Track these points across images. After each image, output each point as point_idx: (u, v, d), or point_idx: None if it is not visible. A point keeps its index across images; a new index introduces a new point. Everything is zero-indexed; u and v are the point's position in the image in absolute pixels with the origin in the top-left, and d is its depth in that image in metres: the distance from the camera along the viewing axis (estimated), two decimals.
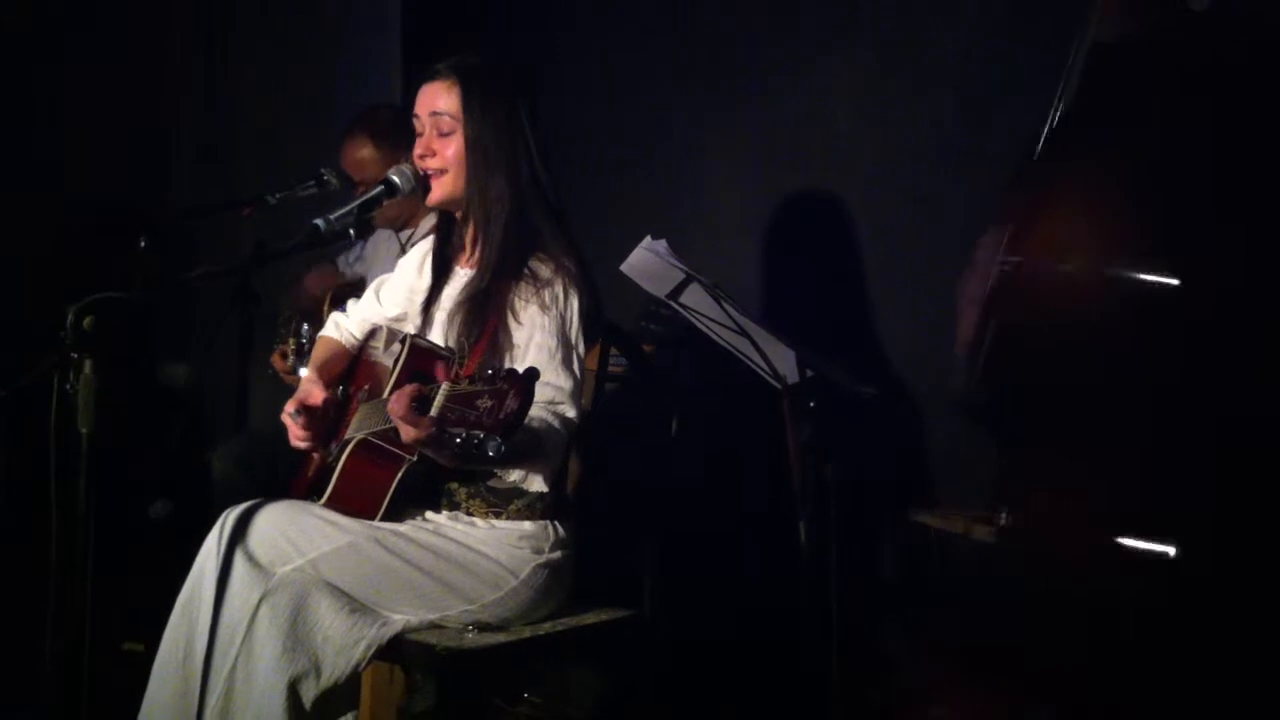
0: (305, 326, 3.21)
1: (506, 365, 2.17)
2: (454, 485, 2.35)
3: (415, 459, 2.26)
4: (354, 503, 2.29)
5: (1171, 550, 1.80)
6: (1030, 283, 1.89)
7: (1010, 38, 2.81)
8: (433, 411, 1.94)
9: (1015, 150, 2.62)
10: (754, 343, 2.45)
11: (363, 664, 2.18)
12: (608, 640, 2.46)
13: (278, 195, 3.10)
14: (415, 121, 2.40)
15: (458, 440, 1.93)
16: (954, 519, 2.50)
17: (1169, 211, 1.82)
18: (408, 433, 2.02)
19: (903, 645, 2.79)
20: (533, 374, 1.93)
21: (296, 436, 2.41)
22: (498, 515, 2.33)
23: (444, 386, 1.92)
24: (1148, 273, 1.79)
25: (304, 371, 2.60)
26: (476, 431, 1.90)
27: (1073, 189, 1.91)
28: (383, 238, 3.49)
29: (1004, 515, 2.02)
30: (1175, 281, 1.78)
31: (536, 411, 2.19)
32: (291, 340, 3.23)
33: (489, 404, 1.89)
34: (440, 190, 2.37)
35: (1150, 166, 1.85)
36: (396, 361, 2.32)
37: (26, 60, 3.96)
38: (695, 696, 2.96)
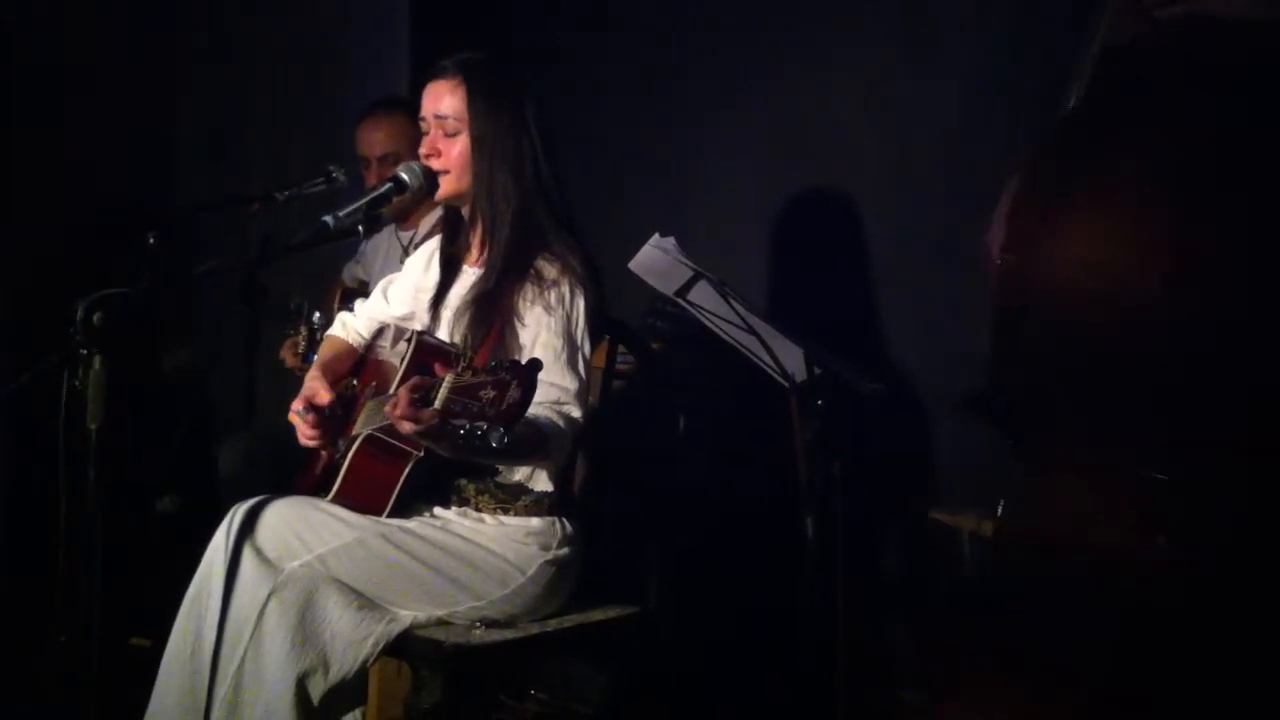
0: (316, 315, 3.20)
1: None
2: (463, 481, 2.35)
3: (422, 454, 2.27)
4: (361, 499, 2.30)
5: (1171, 547, 1.80)
6: (1033, 280, 1.89)
7: (1016, 34, 2.80)
8: (436, 403, 1.94)
9: (1021, 147, 2.63)
10: (762, 340, 2.45)
11: (371, 660, 2.19)
12: (614, 637, 2.46)
13: (285, 192, 3.11)
14: (421, 121, 2.40)
15: (461, 431, 1.93)
16: (965, 516, 2.49)
17: (1175, 212, 1.82)
18: (409, 427, 2.02)
19: (908, 644, 2.80)
20: (535, 365, 1.93)
21: (305, 435, 2.41)
22: (506, 511, 2.34)
23: (448, 378, 1.93)
24: (1155, 273, 1.79)
25: (316, 359, 2.61)
26: (480, 423, 1.91)
27: (1080, 190, 1.91)
28: (382, 240, 3.49)
29: (1001, 508, 2.03)
30: (1180, 282, 1.78)
31: (542, 411, 2.19)
32: (304, 328, 3.23)
33: (492, 394, 1.90)
34: (446, 189, 2.38)
35: (1158, 168, 1.85)
36: (404, 358, 2.32)
37: (29, 59, 3.96)
38: (700, 694, 2.96)
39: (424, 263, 2.56)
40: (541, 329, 2.28)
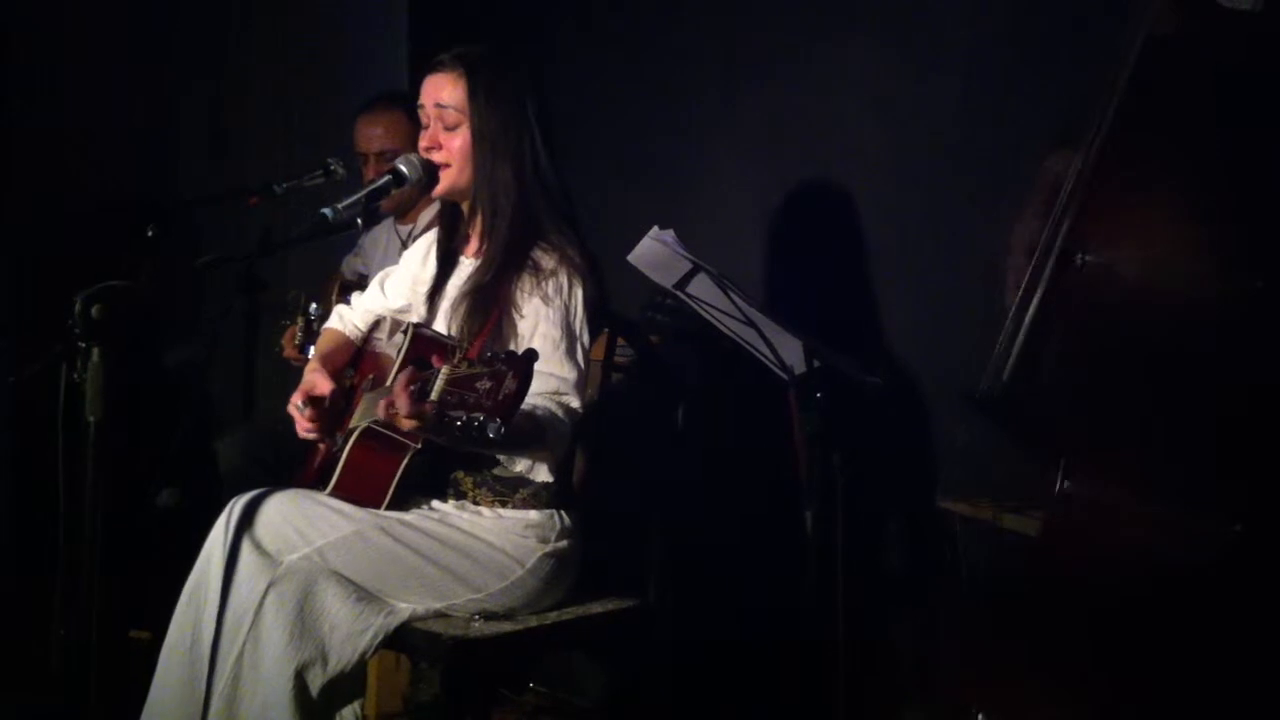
0: (313, 305, 3.21)
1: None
2: (460, 474, 2.35)
3: (420, 446, 2.27)
4: (359, 492, 2.30)
5: (1235, 530, 1.79)
6: (1102, 281, 1.87)
7: (1018, 29, 2.80)
8: (433, 396, 1.94)
9: (1023, 142, 2.63)
10: (761, 333, 2.45)
11: (369, 652, 2.19)
12: (613, 630, 2.46)
13: (284, 185, 3.11)
14: (420, 113, 2.40)
15: (458, 423, 1.93)
16: (983, 506, 2.47)
17: (1242, 211, 1.81)
18: (406, 420, 2.02)
19: (911, 640, 2.79)
20: (531, 355, 1.93)
21: (304, 428, 2.42)
22: (503, 504, 2.33)
23: (444, 370, 1.93)
24: (1226, 273, 1.78)
25: (313, 351, 2.61)
26: (476, 414, 1.91)
27: (1143, 187, 1.89)
28: (381, 233, 3.50)
29: (1062, 483, 1.99)
30: (1258, 283, 1.77)
31: (541, 402, 2.19)
32: (300, 319, 3.24)
33: (488, 386, 1.90)
34: (446, 182, 2.38)
35: (1215, 165, 1.84)
36: (400, 351, 2.33)
37: (29, 59, 3.97)
38: (700, 687, 2.95)
39: (421, 255, 2.56)
40: (540, 319, 2.28)
